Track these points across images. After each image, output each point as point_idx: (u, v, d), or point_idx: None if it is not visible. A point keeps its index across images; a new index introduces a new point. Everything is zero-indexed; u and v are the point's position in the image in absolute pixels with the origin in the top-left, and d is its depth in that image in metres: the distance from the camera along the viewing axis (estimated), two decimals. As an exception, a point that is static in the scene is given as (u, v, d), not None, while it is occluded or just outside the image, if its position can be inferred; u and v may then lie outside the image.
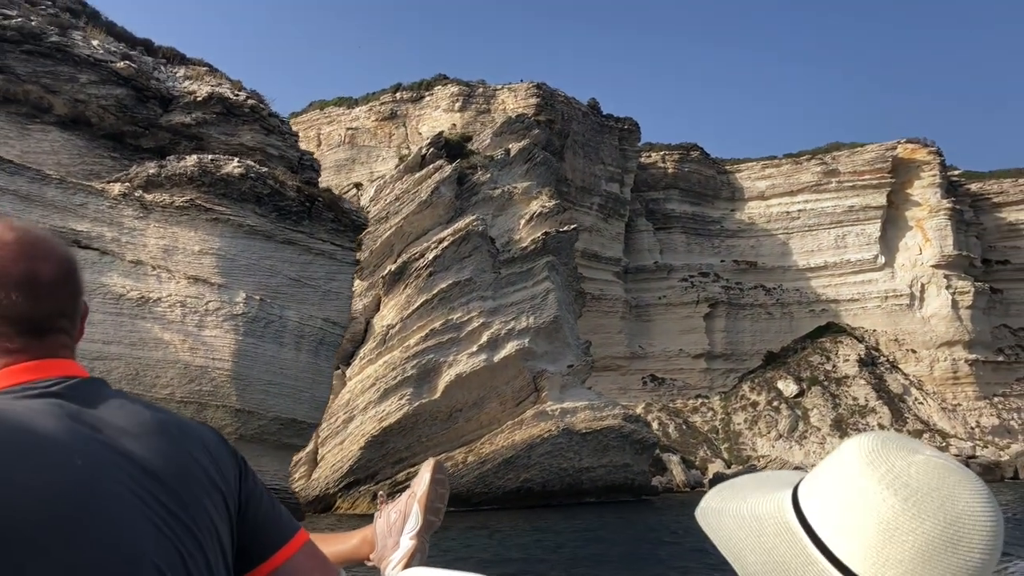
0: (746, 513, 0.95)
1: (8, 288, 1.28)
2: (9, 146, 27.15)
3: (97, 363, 26.43)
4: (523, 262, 56.51)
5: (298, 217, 30.28)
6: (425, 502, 2.00)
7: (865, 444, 0.93)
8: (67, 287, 1.35)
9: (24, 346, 1.31)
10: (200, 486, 1.32)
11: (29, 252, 1.31)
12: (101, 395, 1.31)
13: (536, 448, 51.63)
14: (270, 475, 29.77)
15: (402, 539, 2.00)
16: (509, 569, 19.44)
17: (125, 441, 1.25)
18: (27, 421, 1.16)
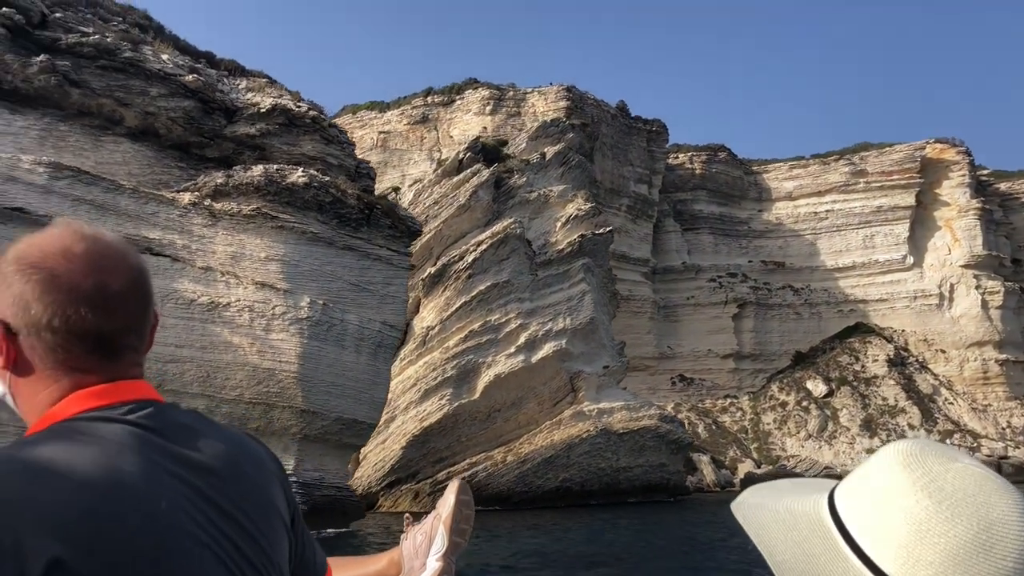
0: (781, 509, 0.98)
1: (78, 303, 1.24)
2: (84, 157, 28.29)
3: (170, 366, 27.54)
4: (559, 264, 57.33)
5: (357, 224, 31.26)
6: (451, 523, 2.00)
7: (903, 448, 0.96)
8: (138, 299, 1.31)
9: (94, 366, 1.26)
10: (277, 530, 1.33)
11: (99, 263, 1.27)
12: (178, 424, 1.28)
13: (575, 448, 52.42)
14: (332, 474, 30.79)
15: (428, 561, 2.00)
16: (584, 566, 20.25)
17: (208, 481, 1.23)
18: (108, 457, 1.12)
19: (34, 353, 1.24)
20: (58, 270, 1.23)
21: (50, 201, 26.83)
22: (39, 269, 1.23)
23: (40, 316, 1.22)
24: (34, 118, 27.92)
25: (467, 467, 52.41)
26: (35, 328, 1.23)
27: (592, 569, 19.42)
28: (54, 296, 1.23)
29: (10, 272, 1.25)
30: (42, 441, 1.13)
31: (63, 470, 1.07)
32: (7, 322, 1.24)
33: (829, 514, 0.93)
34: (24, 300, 1.23)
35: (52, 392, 1.24)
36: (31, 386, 1.26)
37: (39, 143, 27.62)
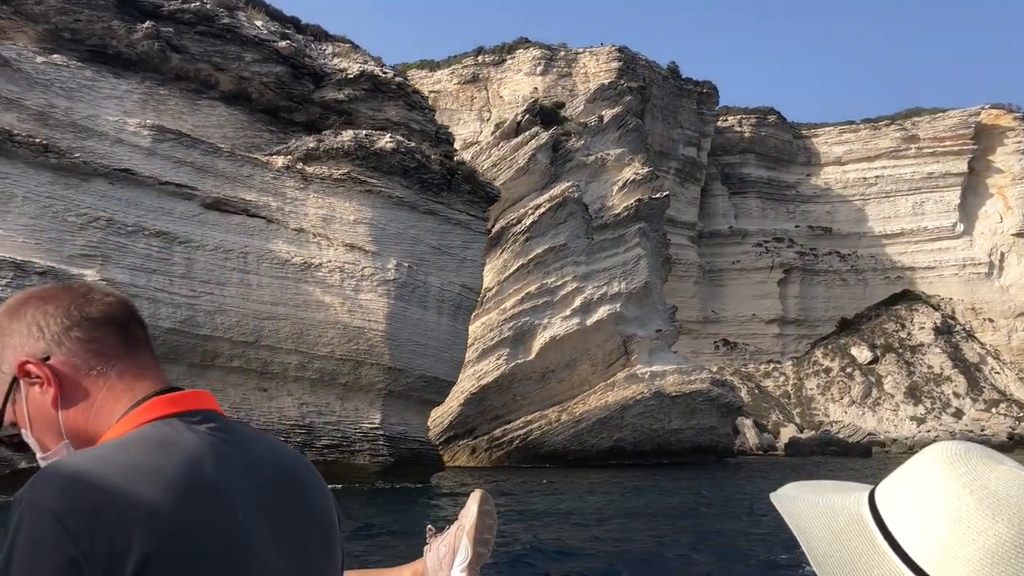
0: (821, 502, 0.98)
1: (76, 299, 1.33)
2: (183, 120, 29.35)
3: (266, 323, 28.82)
4: (615, 228, 57.88)
5: (438, 189, 32.14)
6: (474, 534, 2.00)
7: (948, 448, 0.95)
8: (122, 301, 1.39)
9: (124, 351, 1.34)
10: (335, 541, 1.39)
11: (69, 285, 1.40)
12: (245, 436, 1.33)
13: (629, 409, 53.49)
14: (414, 428, 32.11)
15: (453, 572, 2.00)
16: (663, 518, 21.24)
17: (277, 492, 1.29)
18: (190, 462, 1.19)
19: (74, 361, 1.29)
20: (42, 294, 1.35)
21: (153, 163, 28.00)
22: (27, 299, 1.34)
23: (58, 321, 1.30)
24: (136, 82, 28.97)
25: (522, 425, 53.77)
26: (61, 337, 1.29)
27: (663, 521, 20.40)
28: (55, 304, 1.32)
29: (6, 324, 1.32)
30: (132, 446, 1.20)
31: (152, 473, 1.14)
32: (35, 357, 1.29)
33: (869, 509, 0.94)
34: (36, 325, 1.30)
35: (115, 400, 1.30)
36: (87, 403, 1.30)
37: (141, 106, 28.70)
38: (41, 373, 1.27)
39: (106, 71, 28.40)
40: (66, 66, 27.50)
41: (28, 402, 1.30)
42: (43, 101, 26.70)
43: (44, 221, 25.88)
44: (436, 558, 2.04)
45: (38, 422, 1.31)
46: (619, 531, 18.82)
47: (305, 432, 28.89)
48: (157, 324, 27.01)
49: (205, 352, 28.09)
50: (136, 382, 1.31)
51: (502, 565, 13.48)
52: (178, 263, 27.64)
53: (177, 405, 1.28)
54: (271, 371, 29.13)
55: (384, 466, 29.11)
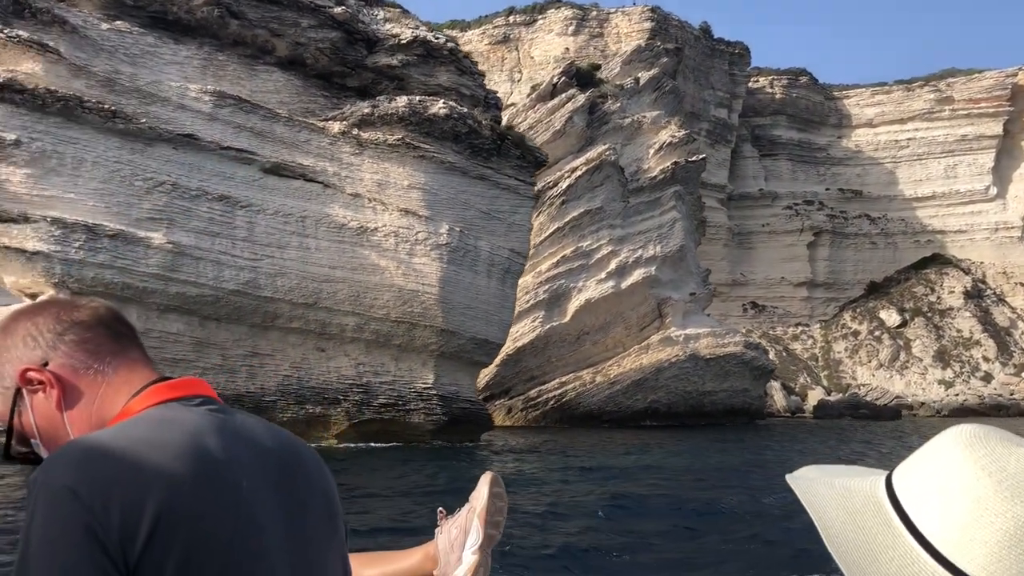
0: (837, 483, 0.97)
1: (64, 307, 1.41)
2: (241, 85, 29.87)
3: (324, 285, 29.58)
4: (651, 191, 58.04)
5: (488, 154, 32.57)
6: (485, 516, 2.02)
7: (967, 430, 0.93)
8: (105, 305, 1.46)
9: (117, 347, 1.40)
10: (336, 518, 1.44)
11: (55, 297, 1.50)
12: (243, 419, 1.38)
13: (664, 372, 54.17)
14: (464, 388, 32.98)
15: (464, 554, 2.01)
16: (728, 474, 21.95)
17: (278, 469, 1.34)
18: (194, 436, 1.25)
19: (72, 361, 1.36)
20: (28, 310, 1.42)
21: (215, 128, 28.59)
22: (16, 319, 1.40)
23: (50, 327, 1.37)
24: (194, 47, 29.47)
25: (557, 386, 54.62)
26: (55, 342, 1.36)
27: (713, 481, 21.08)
28: (43, 315, 1.39)
29: (1, 342, 1.39)
30: (139, 423, 1.27)
31: (158, 445, 1.21)
32: (34, 365, 1.35)
33: (885, 491, 0.94)
34: (29, 336, 1.37)
35: (115, 389, 1.37)
36: (87, 402, 1.36)
37: (201, 72, 29.22)
38: (43, 378, 1.34)
39: (166, 37, 28.91)
40: (129, 32, 28.02)
41: (33, 410, 1.36)
42: (109, 67, 27.27)
43: (113, 185, 26.61)
44: (447, 540, 2.05)
45: (45, 428, 1.36)
46: (702, 486, 19.55)
47: (362, 391, 29.77)
48: (221, 286, 27.85)
49: (266, 313, 28.92)
50: (132, 374, 1.37)
51: (596, 517, 14.25)
52: (240, 227, 28.36)
53: (176, 390, 1.36)
54: (329, 332, 29.95)
55: (438, 425, 30.00)
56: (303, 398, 29.02)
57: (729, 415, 57.49)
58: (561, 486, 19.94)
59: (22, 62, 25.98)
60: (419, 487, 19.29)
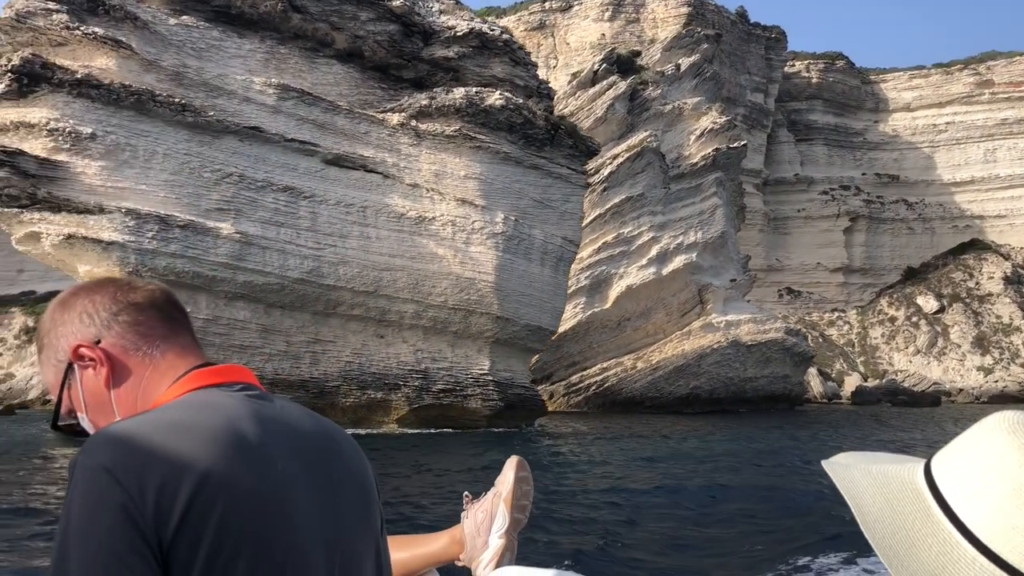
0: (874, 469, 0.96)
1: (121, 287, 1.45)
2: (302, 78, 30.53)
3: (384, 273, 30.28)
4: (692, 178, 58.18)
5: (541, 144, 33.02)
6: (511, 500, 2.02)
7: (1009, 417, 0.92)
8: (162, 288, 1.49)
9: (168, 331, 1.43)
10: (372, 503, 1.46)
11: (111, 277, 1.51)
12: (283, 405, 1.40)
13: (706, 358, 54.49)
14: (518, 375, 33.61)
15: (491, 538, 2.01)
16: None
17: (315, 454, 1.36)
18: (231, 420, 1.27)
19: (124, 342, 1.39)
20: (88, 286, 1.45)
21: (278, 120, 29.29)
22: (76, 292, 1.44)
23: (107, 307, 1.40)
24: (257, 41, 30.14)
25: (599, 372, 55.16)
26: (109, 322, 1.39)
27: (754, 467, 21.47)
28: (100, 294, 1.42)
29: (57, 316, 1.43)
30: (178, 408, 1.29)
31: (195, 429, 1.23)
32: (88, 341, 1.39)
33: (924, 478, 0.92)
34: (86, 313, 1.40)
35: (160, 376, 1.39)
36: (134, 385, 1.39)
37: (264, 65, 29.91)
38: (94, 355, 1.37)
39: (230, 31, 29.59)
40: (195, 27, 28.74)
41: (83, 385, 1.40)
42: (177, 61, 28.02)
43: (183, 177, 27.41)
44: (474, 524, 2.05)
45: (92, 404, 1.40)
46: (775, 472, 20.03)
47: (421, 377, 30.49)
48: (286, 275, 28.62)
49: (328, 301, 29.67)
50: (179, 360, 1.40)
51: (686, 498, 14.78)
52: (304, 216, 29.08)
53: (217, 376, 1.38)
54: (388, 319, 30.65)
55: (494, 410, 30.67)
56: (364, 383, 29.79)
57: (769, 401, 57.76)
58: (636, 469, 20.50)
59: (96, 58, 26.79)
60: (488, 469, 19.90)
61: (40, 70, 25.46)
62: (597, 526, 12.92)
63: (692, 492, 16.84)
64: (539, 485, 11.44)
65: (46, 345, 1.43)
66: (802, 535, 12.59)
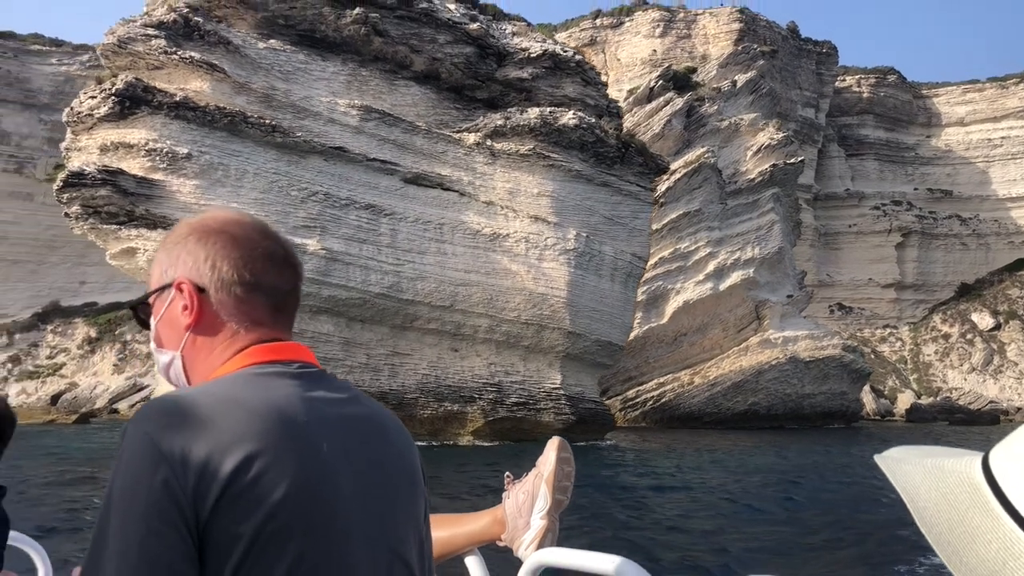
0: (929, 463, 0.93)
1: (260, 259, 1.38)
2: (382, 99, 31.49)
3: (460, 288, 31.02)
4: (749, 193, 58.33)
5: (611, 161, 33.62)
6: (553, 481, 2.01)
7: None
8: (297, 267, 1.44)
9: (267, 319, 1.39)
10: (417, 489, 1.44)
11: (265, 231, 1.42)
12: (336, 386, 1.38)
13: (764, 374, 54.46)
14: (588, 389, 34.11)
15: (532, 519, 2.00)
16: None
17: (362, 438, 1.35)
18: (280, 399, 1.27)
19: (221, 308, 1.37)
20: (236, 233, 1.40)
21: (360, 141, 30.26)
22: (221, 233, 1.39)
23: (230, 272, 1.37)
24: (338, 63, 31.18)
25: (655, 387, 55.37)
26: (225, 283, 1.37)
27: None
28: (240, 253, 1.38)
29: (191, 240, 1.40)
30: (231, 383, 1.30)
31: (242, 405, 1.24)
32: (194, 284, 1.37)
33: (982, 472, 0.88)
34: (212, 260, 1.37)
35: (230, 346, 1.37)
36: (210, 342, 1.38)
37: (346, 87, 30.92)
38: (190, 303, 1.37)
39: (314, 54, 30.68)
40: (282, 50, 29.86)
41: (169, 308, 1.40)
42: (266, 84, 29.13)
43: (271, 195, 28.45)
44: (515, 504, 2.04)
45: (162, 331, 1.42)
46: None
47: (495, 390, 31.13)
48: (367, 289, 29.49)
49: (406, 315, 30.49)
50: (258, 333, 1.38)
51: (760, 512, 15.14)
52: (384, 233, 29.97)
53: (276, 353, 1.36)
54: (463, 333, 31.38)
55: (567, 424, 31.18)
56: (441, 396, 30.51)
57: (825, 418, 57.50)
58: (749, 484, 20.86)
59: (191, 80, 27.98)
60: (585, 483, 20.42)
61: (141, 93, 26.68)
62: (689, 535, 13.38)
63: (788, 503, 17.20)
64: (630, 499, 11.91)
65: (168, 251, 1.42)
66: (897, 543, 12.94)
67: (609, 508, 15.81)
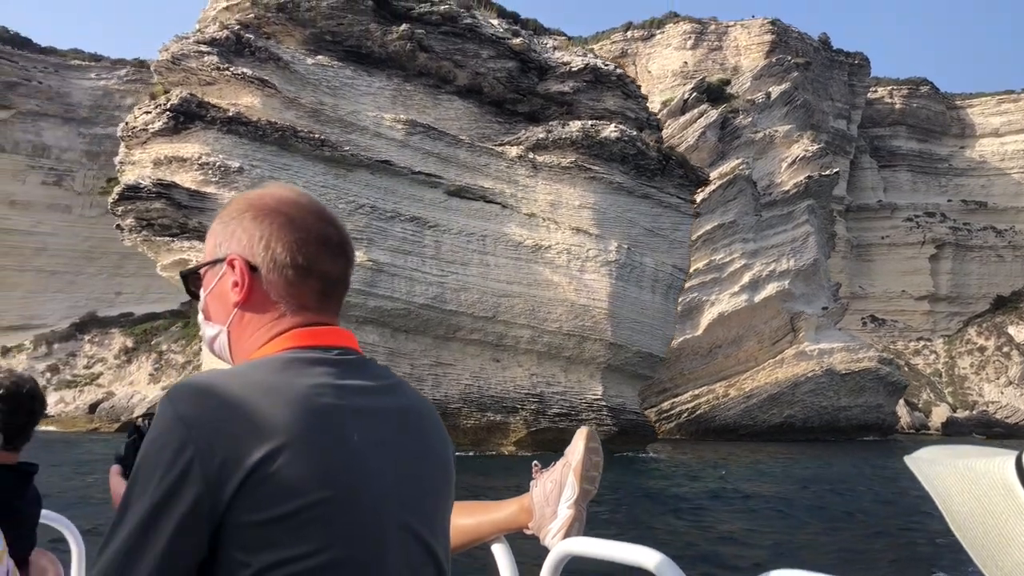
0: (960, 465, 0.90)
1: (315, 243, 1.35)
2: (426, 114, 31.98)
3: (502, 300, 31.35)
4: (784, 205, 58.25)
5: (652, 174, 33.87)
6: (580, 471, 2.00)
7: None
8: (350, 253, 1.41)
9: (315, 304, 1.36)
10: (448, 484, 1.42)
11: (321, 215, 1.39)
12: (376, 374, 1.36)
13: (800, 386, 54.25)
14: (629, 400, 34.26)
15: (559, 508, 1.99)
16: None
17: (396, 429, 1.33)
18: (314, 387, 1.24)
19: (271, 289, 1.35)
20: (293, 215, 1.36)
21: (405, 154, 30.75)
22: (278, 213, 1.36)
23: (283, 254, 1.34)
24: (383, 79, 31.73)
25: (690, 399, 55.30)
26: (279, 265, 1.34)
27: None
28: (295, 236, 1.34)
29: (247, 217, 1.38)
30: (267, 367, 1.27)
31: (274, 391, 1.22)
32: (249, 260, 1.35)
33: (1016, 474, 0.85)
34: (266, 240, 1.34)
35: (274, 327, 1.35)
36: (256, 321, 1.37)
37: (391, 101, 31.45)
38: (241, 280, 1.35)
39: (360, 70, 31.26)
40: (330, 66, 30.45)
41: (219, 283, 1.39)
42: (314, 99, 29.72)
43: (319, 208, 28.90)
44: (542, 493, 2.03)
45: (210, 304, 1.42)
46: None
47: (537, 401, 31.37)
48: (412, 300, 29.90)
49: (449, 326, 30.85)
50: (303, 316, 1.36)
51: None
52: (428, 245, 30.38)
53: (317, 338, 1.34)
54: (504, 344, 31.68)
55: (609, 435, 31.33)
56: (484, 406, 30.80)
57: (861, 431, 57.13)
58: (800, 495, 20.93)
59: (242, 96, 28.62)
60: (627, 492, 20.61)
61: (195, 108, 27.35)
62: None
63: (841, 509, 17.27)
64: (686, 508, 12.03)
65: (224, 225, 1.41)
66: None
67: (666, 518, 15.99)
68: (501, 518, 2.05)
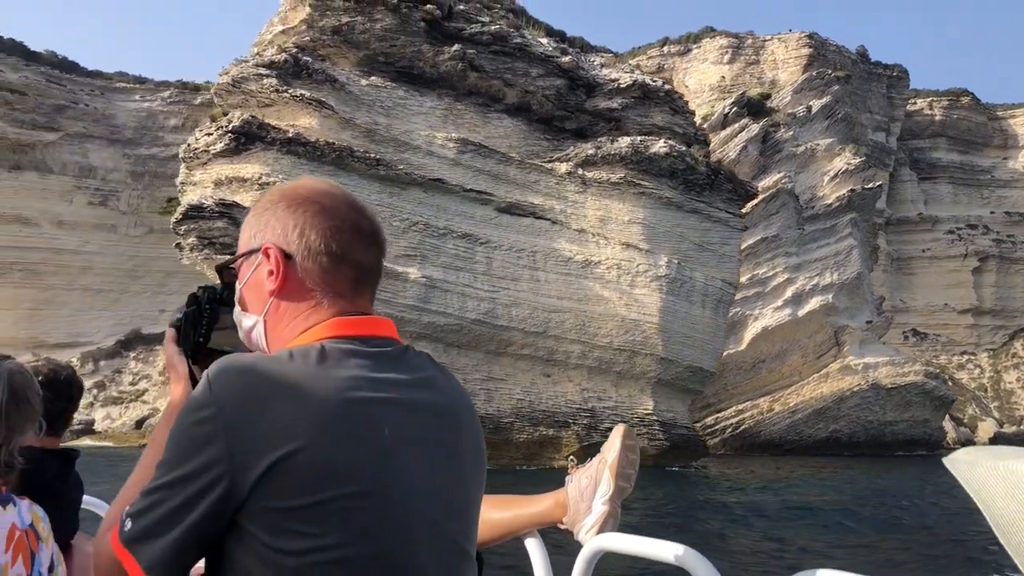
0: (1001, 467, 0.89)
1: (349, 231, 1.35)
2: (476, 132, 32.45)
3: (553, 315, 31.61)
4: (827, 219, 57.95)
5: (701, 188, 34.03)
6: (616, 468, 2.00)
7: None
8: (382, 242, 1.41)
9: (350, 292, 1.35)
10: (481, 476, 1.41)
11: (354, 205, 1.40)
12: (413, 365, 1.35)
13: (846, 401, 53.76)
14: (680, 415, 34.28)
15: (594, 504, 1.99)
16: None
17: (432, 421, 1.30)
18: (347, 379, 1.23)
19: (306, 277, 1.34)
20: (326, 204, 1.37)
21: (457, 172, 31.22)
22: (311, 202, 1.37)
23: (318, 241, 1.34)
24: (434, 98, 32.28)
25: (734, 414, 55.01)
26: (313, 253, 1.34)
27: None
28: (329, 224, 1.35)
29: (280, 207, 1.38)
30: (298, 354, 1.25)
31: (307, 381, 1.21)
32: (284, 248, 1.34)
33: None
34: (300, 228, 1.34)
35: (311, 315, 1.34)
36: (291, 310, 1.35)
37: (443, 120, 31.97)
38: (276, 269, 1.35)
39: (412, 90, 31.83)
40: (383, 87, 31.06)
41: (255, 273, 1.38)
42: (369, 119, 30.31)
43: (374, 225, 29.43)
44: (578, 489, 2.03)
45: (251, 291, 1.40)
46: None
47: (589, 415, 31.52)
48: (465, 315, 30.26)
49: (500, 341, 31.15)
50: (340, 305, 1.36)
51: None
52: (480, 261, 30.76)
53: (356, 328, 1.33)
54: (555, 359, 31.91)
55: (661, 450, 31.41)
56: (536, 420, 31.02)
57: (907, 446, 56.39)
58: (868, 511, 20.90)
59: (300, 117, 29.29)
60: (677, 506, 20.70)
61: (256, 130, 28.04)
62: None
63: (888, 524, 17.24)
64: (761, 523, 12.11)
65: (258, 216, 1.41)
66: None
67: (717, 524, 16.08)
68: (536, 512, 2.06)
